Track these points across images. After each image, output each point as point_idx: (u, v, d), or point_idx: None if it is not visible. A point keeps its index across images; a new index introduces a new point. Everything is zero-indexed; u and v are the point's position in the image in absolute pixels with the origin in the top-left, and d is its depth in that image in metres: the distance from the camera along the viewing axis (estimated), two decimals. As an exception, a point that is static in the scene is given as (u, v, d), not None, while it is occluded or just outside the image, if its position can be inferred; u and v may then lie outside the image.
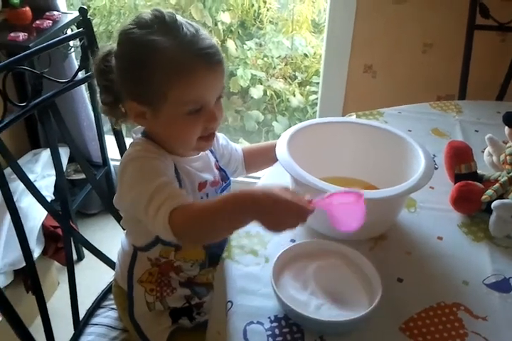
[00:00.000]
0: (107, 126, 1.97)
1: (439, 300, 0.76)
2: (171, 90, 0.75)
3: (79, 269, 1.08)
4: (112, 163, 1.93)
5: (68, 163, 1.76)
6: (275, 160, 0.97)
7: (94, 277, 1.24)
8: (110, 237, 1.59)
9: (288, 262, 0.77)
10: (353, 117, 1.16)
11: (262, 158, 1.03)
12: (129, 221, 0.89)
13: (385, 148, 0.92)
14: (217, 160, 0.95)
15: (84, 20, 0.98)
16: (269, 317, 0.73)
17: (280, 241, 0.85)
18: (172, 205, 0.71)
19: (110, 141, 1.84)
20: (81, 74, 1.09)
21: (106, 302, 1.10)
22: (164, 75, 0.74)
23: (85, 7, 1.05)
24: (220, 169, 0.94)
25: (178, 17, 0.76)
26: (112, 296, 1.08)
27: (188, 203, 0.73)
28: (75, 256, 1.73)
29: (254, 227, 0.87)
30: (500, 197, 0.87)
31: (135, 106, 0.78)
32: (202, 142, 0.82)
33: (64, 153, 1.60)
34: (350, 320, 0.68)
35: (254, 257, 0.83)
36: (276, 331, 0.71)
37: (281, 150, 0.85)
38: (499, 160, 0.95)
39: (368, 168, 0.94)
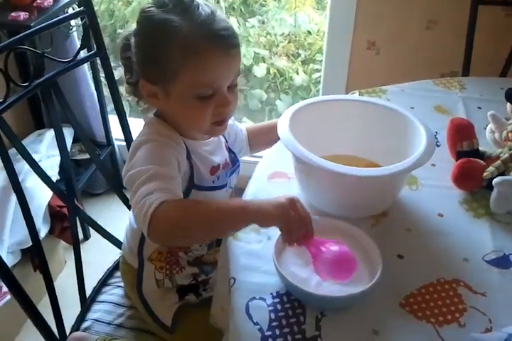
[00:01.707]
0: (110, 106, 1.97)
1: (438, 276, 0.77)
2: (182, 70, 0.74)
3: (85, 248, 1.10)
4: (116, 143, 1.93)
5: (73, 142, 1.76)
6: (273, 140, 0.98)
7: (100, 256, 1.26)
8: (116, 217, 1.60)
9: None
10: (355, 95, 1.16)
11: (265, 137, 1.03)
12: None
13: (387, 125, 0.92)
14: (226, 141, 0.95)
15: (84, -1, 0.97)
16: (271, 293, 0.74)
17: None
18: (163, 197, 0.69)
19: (114, 120, 1.84)
20: (83, 54, 1.09)
21: (112, 280, 1.12)
22: (176, 54, 0.74)
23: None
24: (229, 150, 0.94)
25: None
26: (118, 274, 1.10)
27: (178, 199, 0.71)
28: (81, 235, 1.75)
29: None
30: (502, 173, 0.87)
31: (147, 85, 0.79)
32: (214, 127, 0.81)
33: (68, 133, 1.60)
34: (350, 295, 0.70)
35: (256, 235, 0.84)
36: (278, 306, 0.72)
37: (283, 128, 0.85)
38: (501, 137, 0.95)
39: (370, 145, 0.93)
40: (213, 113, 0.79)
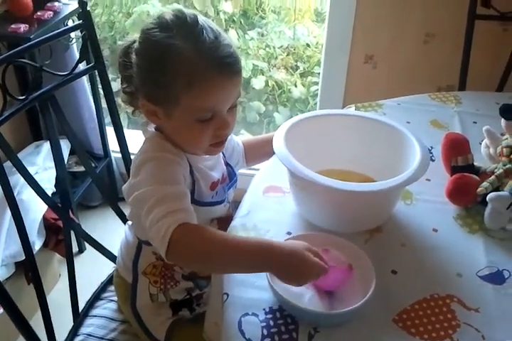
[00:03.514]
0: (108, 118, 1.98)
1: (432, 291, 0.77)
2: (185, 96, 0.75)
3: (80, 261, 1.09)
4: (113, 155, 1.93)
5: (70, 154, 1.77)
6: (269, 153, 0.99)
7: (94, 269, 1.25)
8: (112, 230, 1.60)
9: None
10: (351, 109, 1.16)
11: (262, 150, 1.03)
12: (136, 214, 0.89)
13: (382, 140, 0.92)
14: (224, 156, 0.95)
15: (83, 12, 0.98)
16: (264, 309, 0.74)
17: (277, 234, 0.86)
18: (183, 218, 0.69)
19: (111, 132, 1.85)
20: (81, 66, 1.09)
21: (106, 294, 1.11)
22: (179, 81, 0.74)
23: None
24: (227, 164, 0.95)
25: (200, 19, 0.75)
26: (111, 288, 1.10)
27: (199, 226, 0.72)
28: (76, 249, 1.74)
29: (250, 220, 0.89)
30: (496, 189, 0.88)
31: (148, 104, 0.79)
32: (212, 148, 0.82)
33: (65, 145, 1.60)
34: (343, 311, 0.69)
35: (250, 250, 0.84)
36: (271, 322, 0.72)
37: (278, 142, 0.86)
38: (496, 152, 0.95)
39: (365, 160, 0.94)
40: (213, 135, 0.80)
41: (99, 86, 1.75)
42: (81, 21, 0.99)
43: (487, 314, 0.74)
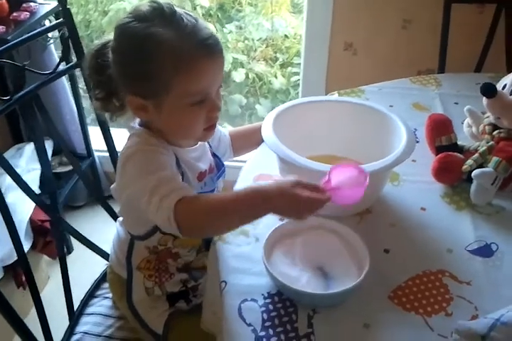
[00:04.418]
0: (89, 117, 1.96)
1: (424, 267, 0.79)
2: (175, 82, 0.75)
3: (68, 262, 1.09)
4: (96, 154, 1.92)
5: (52, 156, 1.75)
6: (261, 141, 1.00)
7: (84, 269, 1.25)
8: (99, 228, 1.59)
9: (278, 240, 0.79)
10: (335, 95, 1.18)
11: (248, 140, 1.04)
12: (128, 210, 0.89)
13: (367, 124, 0.94)
14: (210, 146, 0.96)
15: (64, 10, 0.97)
16: (262, 294, 0.75)
17: (270, 221, 0.87)
18: (177, 196, 0.71)
19: (93, 132, 1.84)
20: (61, 66, 1.08)
21: (99, 292, 1.11)
22: (167, 67, 0.74)
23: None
24: (214, 155, 0.95)
25: (177, 8, 0.76)
26: (105, 285, 1.10)
27: (194, 196, 0.73)
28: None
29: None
30: (480, 166, 0.90)
31: (136, 100, 0.78)
32: (206, 132, 0.83)
33: (48, 146, 1.59)
34: (340, 291, 0.71)
35: (245, 237, 0.85)
36: (270, 307, 0.73)
37: (267, 130, 0.86)
38: (478, 131, 0.98)
39: (352, 144, 0.95)
40: (205, 118, 0.80)
41: (80, 85, 1.76)
42: (61, 19, 0.98)
43: (478, 286, 0.77)
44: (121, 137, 1.03)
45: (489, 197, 0.89)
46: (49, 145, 1.61)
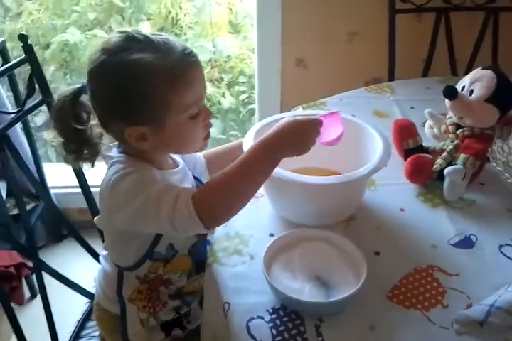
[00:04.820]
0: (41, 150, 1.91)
1: (415, 265, 0.83)
2: (173, 98, 0.76)
3: (36, 306, 1.05)
4: (52, 191, 1.88)
5: (7, 197, 1.68)
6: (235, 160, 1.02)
7: (57, 310, 1.20)
8: (63, 268, 1.55)
9: (274, 256, 0.81)
10: (299, 110, 1.22)
11: (223, 159, 1.05)
12: (116, 241, 0.88)
13: (345, 135, 0.97)
14: (189, 168, 0.97)
15: (25, 46, 0.95)
16: (267, 310, 0.76)
17: (260, 237, 0.89)
18: (189, 194, 0.72)
19: (47, 168, 1.81)
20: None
21: (85, 332, 1.08)
22: (163, 85, 0.75)
23: (25, 33, 1.01)
24: (195, 178, 0.96)
25: (144, 32, 0.77)
26: (90, 324, 1.07)
27: (200, 187, 0.75)
28: (28, 294, 1.66)
29: (231, 229, 0.91)
30: (449, 164, 0.96)
31: (135, 130, 0.78)
32: (204, 142, 0.85)
33: (2, 188, 1.54)
34: (343, 298, 0.73)
35: (239, 257, 0.86)
36: (278, 321, 0.75)
37: (249, 145, 0.88)
38: (440, 131, 1.04)
39: (327, 155, 0.97)
40: (202, 127, 0.82)
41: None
42: (25, 56, 0.96)
43: (466, 276, 0.81)
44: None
45: (461, 192, 0.95)
46: (2, 187, 1.55)
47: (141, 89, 0.75)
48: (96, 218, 0.86)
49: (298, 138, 0.78)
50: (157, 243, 0.84)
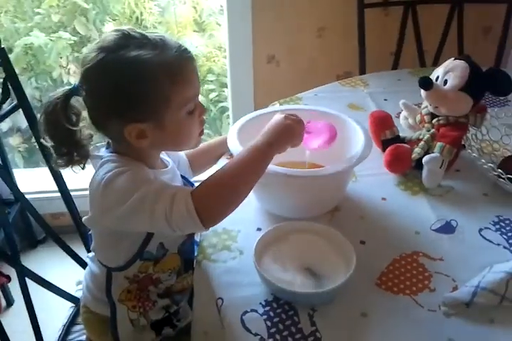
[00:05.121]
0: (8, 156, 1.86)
1: (400, 252, 0.86)
2: (173, 93, 0.76)
3: (12, 314, 1.03)
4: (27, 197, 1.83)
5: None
6: (217, 157, 1.02)
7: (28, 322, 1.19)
8: (39, 273, 1.53)
9: (264, 249, 0.81)
10: (276, 106, 1.23)
11: (204, 156, 1.06)
12: (106, 241, 0.87)
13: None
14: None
15: (-1, 50, 0.93)
16: (260, 303, 0.77)
17: (248, 232, 0.90)
18: (187, 191, 0.72)
19: (18, 174, 1.77)
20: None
21: (71, 336, 1.07)
22: (164, 81, 0.75)
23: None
24: (182, 177, 0.96)
25: (139, 30, 0.78)
26: (75, 328, 1.06)
27: (198, 185, 0.75)
28: (4, 303, 1.60)
29: (219, 225, 0.90)
30: (426, 152, 0.99)
31: (135, 127, 0.77)
32: (198, 137, 0.86)
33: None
34: (335, 287, 0.75)
35: (228, 252, 0.87)
36: (271, 313, 0.76)
37: (233, 142, 0.89)
38: (415, 122, 1.07)
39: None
40: (198, 123, 0.83)
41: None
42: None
43: (450, 260, 0.84)
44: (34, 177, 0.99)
45: (439, 179, 0.98)
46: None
47: (141, 85, 0.75)
48: (85, 218, 0.85)
49: (291, 134, 0.81)
50: (148, 242, 0.84)
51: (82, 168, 0.84)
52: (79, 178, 0.83)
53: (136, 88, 0.75)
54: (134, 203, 0.73)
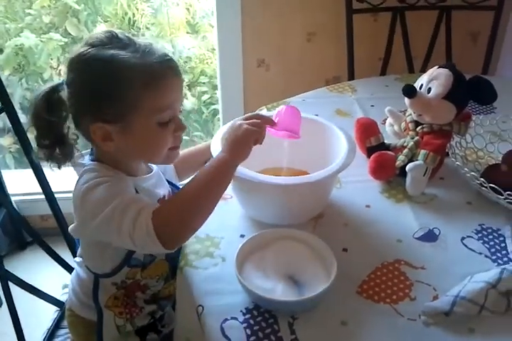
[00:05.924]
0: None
1: (382, 260, 0.86)
2: (144, 98, 0.75)
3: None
4: (14, 199, 1.83)
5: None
6: (202, 163, 1.02)
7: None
8: (25, 275, 1.51)
9: (246, 256, 0.81)
10: (263, 111, 1.23)
11: (189, 161, 1.05)
12: (93, 248, 0.86)
13: (310, 135, 0.98)
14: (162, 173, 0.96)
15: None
16: (241, 311, 0.77)
17: (231, 239, 0.90)
18: (148, 212, 0.71)
19: (6, 175, 1.75)
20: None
21: (56, 340, 1.06)
22: (137, 84, 0.74)
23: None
24: (169, 183, 0.96)
25: (130, 35, 0.78)
26: (60, 332, 1.05)
27: (160, 205, 0.74)
28: None
29: (201, 232, 0.91)
30: (410, 160, 0.99)
31: (101, 127, 0.77)
32: (171, 152, 0.84)
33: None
34: (315, 295, 0.74)
35: (210, 259, 0.86)
36: (251, 321, 0.75)
37: (217, 149, 0.88)
38: (400, 129, 1.07)
39: (296, 155, 0.98)
40: (171, 138, 0.82)
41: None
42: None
43: (431, 269, 0.84)
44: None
45: (422, 187, 0.98)
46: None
47: (111, 84, 0.75)
48: (70, 227, 0.85)
49: (249, 141, 0.79)
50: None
51: (59, 168, 0.84)
52: (63, 181, 0.83)
53: (107, 86, 0.75)
54: (105, 218, 0.73)
